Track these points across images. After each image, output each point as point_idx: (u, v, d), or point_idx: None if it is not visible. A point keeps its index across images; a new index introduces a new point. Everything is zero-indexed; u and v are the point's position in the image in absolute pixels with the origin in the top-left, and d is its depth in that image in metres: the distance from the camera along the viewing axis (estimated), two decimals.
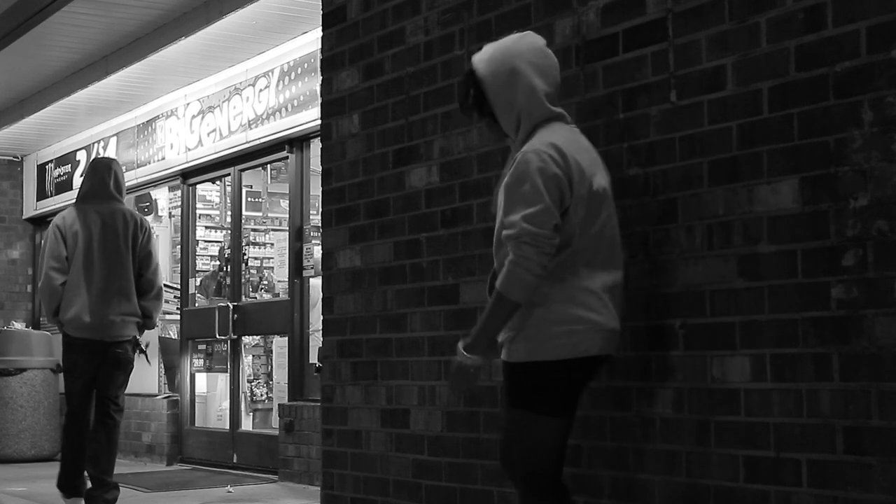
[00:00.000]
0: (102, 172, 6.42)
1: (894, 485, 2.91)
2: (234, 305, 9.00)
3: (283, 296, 8.83)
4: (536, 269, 3.19)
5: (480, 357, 3.32)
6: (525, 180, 3.24)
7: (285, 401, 8.20)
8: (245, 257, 9.57)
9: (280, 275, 9.11)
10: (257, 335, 9.43)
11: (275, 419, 8.38)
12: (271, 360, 9.20)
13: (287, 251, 8.52)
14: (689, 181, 3.48)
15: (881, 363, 2.95)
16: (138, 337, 6.39)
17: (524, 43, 3.45)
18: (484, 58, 3.45)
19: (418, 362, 4.61)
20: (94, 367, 6.22)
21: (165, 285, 8.41)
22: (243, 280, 9.41)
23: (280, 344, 8.66)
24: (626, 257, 3.61)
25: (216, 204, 10.54)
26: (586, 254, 3.31)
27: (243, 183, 9.51)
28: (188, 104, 9.65)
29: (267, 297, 9.55)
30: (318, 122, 5.47)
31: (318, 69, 5.42)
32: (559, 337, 3.26)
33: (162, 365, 10.12)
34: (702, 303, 3.42)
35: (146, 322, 6.37)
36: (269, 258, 9.98)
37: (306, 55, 8.02)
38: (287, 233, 8.68)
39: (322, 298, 5.29)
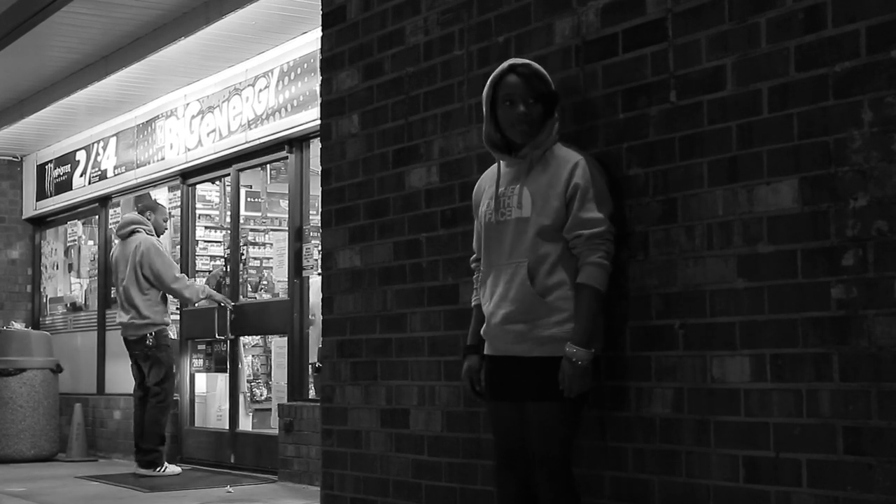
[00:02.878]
0: (123, 215, 9.49)
1: (894, 485, 2.91)
2: (233, 305, 9.00)
3: (283, 296, 8.83)
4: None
5: (591, 350, 3.49)
6: (598, 183, 3.56)
7: (285, 401, 8.20)
8: (244, 257, 9.57)
9: (279, 275, 9.11)
10: (257, 335, 9.42)
11: (274, 419, 8.37)
12: (271, 360, 9.19)
13: (286, 251, 8.51)
14: (689, 181, 3.48)
15: (881, 363, 2.95)
16: (149, 335, 8.58)
17: None
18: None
19: (418, 362, 4.61)
20: (131, 358, 8.74)
21: None
22: (242, 280, 9.41)
23: (279, 344, 8.65)
24: (625, 257, 3.63)
25: (216, 204, 10.53)
26: None
27: (242, 183, 9.51)
28: (188, 104, 9.65)
29: (266, 297, 9.55)
30: (318, 122, 5.47)
31: (318, 69, 5.42)
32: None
33: None
34: (702, 303, 3.42)
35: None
36: (268, 258, 9.98)
37: (306, 55, 8.02)
38: (286, 233, 8.68)
39: (322, 298, 5.29)
